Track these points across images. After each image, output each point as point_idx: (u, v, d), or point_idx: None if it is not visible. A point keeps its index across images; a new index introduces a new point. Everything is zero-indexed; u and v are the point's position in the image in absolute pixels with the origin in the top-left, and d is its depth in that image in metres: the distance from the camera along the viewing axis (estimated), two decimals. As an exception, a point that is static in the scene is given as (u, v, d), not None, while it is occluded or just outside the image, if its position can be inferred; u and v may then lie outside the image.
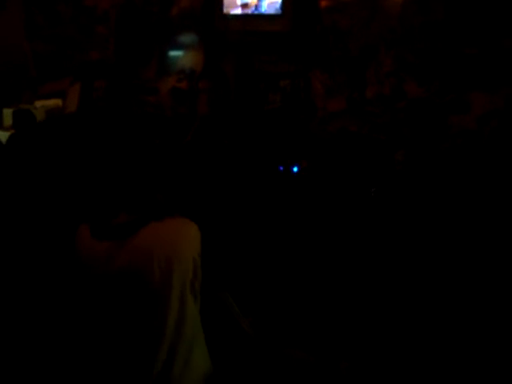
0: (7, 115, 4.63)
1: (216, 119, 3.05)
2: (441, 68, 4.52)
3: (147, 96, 5.14)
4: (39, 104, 4.96)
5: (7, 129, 4.48)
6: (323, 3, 4.96)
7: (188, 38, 5.09)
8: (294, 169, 4.12)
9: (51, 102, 5.03)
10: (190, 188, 1.54)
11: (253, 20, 4.99)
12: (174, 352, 1.49)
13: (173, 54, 5.17)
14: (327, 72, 4.90)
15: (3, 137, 3.87)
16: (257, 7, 4.99)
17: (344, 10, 4.87)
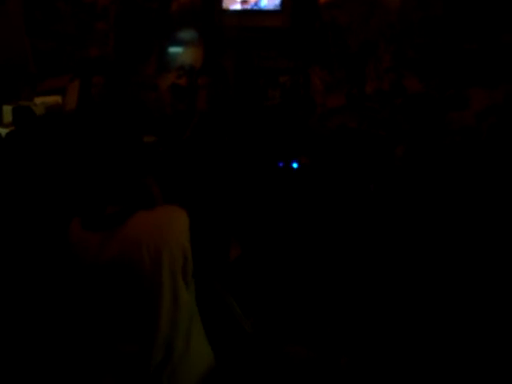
0: (7, 112, 4.63)
1: (215, 115, 3.05)
2: (440, 63, 4.52)
3: (147, 92, 5.14)
4: (39, 101, 4.96)
5: (7, 125, 4.48)
6: (322, -1, 4.97)
7: (187, 34, 5.09)
8: (294, 165, 4.12)
9: (51, 99, 5.03)
10: (189, 184, 1.55)
11: (252, 16, 5.00)
12: (171, 342, 1.50)
13: (172, 50, 5.18)
14: (326, 68, 4.91)
15: (3, 134, 3.88)
16: (256, 3, 4.99)
17: (343, 6, 4.87)
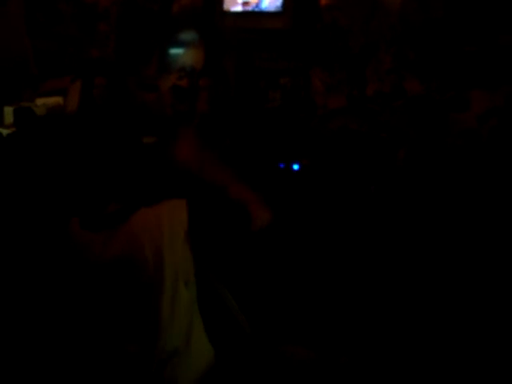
0: (8, 113, 4.62)
1: (216, 117, 3.06)
2: (441, 65, 4.52)
3: (147, 93, 5.15)
4: (40, 102, 4.96)
5: (8, 127, 4.48)
6: (323, 1, 4.96)
7: (188, 36, 5.10)
8: (295, 166, 4.12)
9: (52, 100, 5.03)
10: (188, 184, 1.56)
11: (253, 17, 5.00)
12: (172, 339, 1.51)
13: (173, 51, 5.18)
14: (327, 70, 4.91)
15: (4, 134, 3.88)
16: (257, 4, 4.99)
17: (344, 8, 4.87)
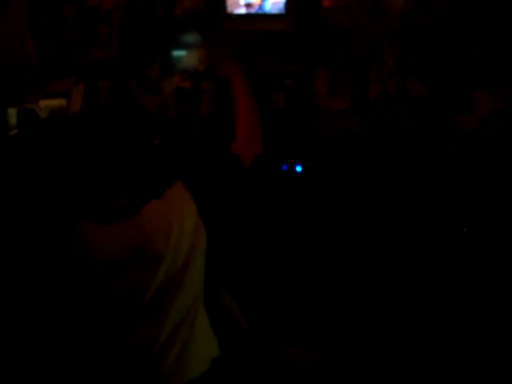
0: (12, 115, 4.64)
1: (219, 119, 3.06)
2: (444, 67, 4.52)
3: (151, 96, 5.15)
4: (43, 104, 4.97)
5: (11, 128, 4.50)
6: (326, 3, 4.97)
7: (191, 38, 5.10)
8: (298, 168, 4.13)
9: (55, 102, 5.04)
10: (191, 185, 1.58)
11: (256, 19, 5.01)
12: (178, 327, 1.52)
13: (176, 54, 5.19)
14: (331, 71, 4.91)
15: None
16: (260, 7, 5.00)
17: (347, 10, 4.88)
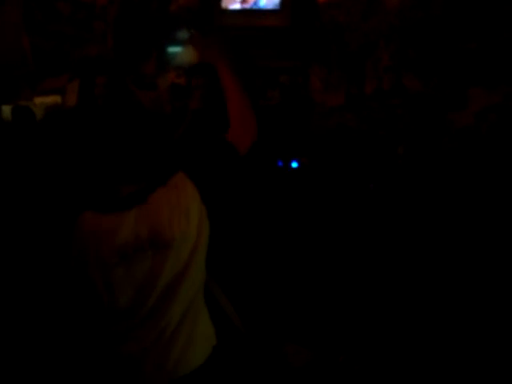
0: (6, 112, 4.63)
1: (210, 114, 3.04)
2: (440, 63, 4.52)
3: (146, 91, 5.14)
4: (38, 101, 4.96)
5: (6, 125, 4.47)
6: (322, -2, 4.96)
7: (187, 34, 5.09)
8: (293, 164, 4.13)
9: (50, 99, 5.03)
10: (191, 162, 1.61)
11: (251, 15, 4.99)
12: (183, 319, 1.54)
13: (172, 50, 5.17)
14: (326, 67, 4.91)
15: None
16: (255, 2, 4.98)
17: (342, 6, 4.87)
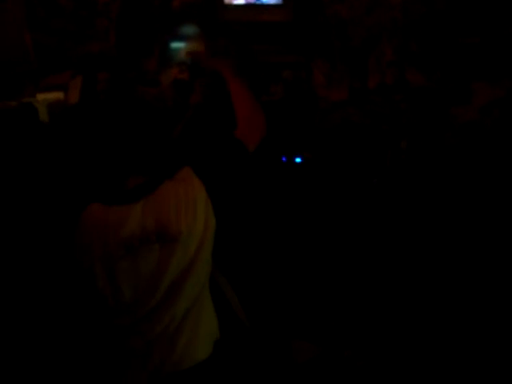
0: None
1: (212, 109, 3.03)
2: (443, 57, 4.51)
3: (149, 88, 5.14)
4: (41, 97, 4.96)
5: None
6: (325, -7, 4.95)
7: (189, 29, 5.09)
8: (297, 160, 4.13)
9: (53, 95, 5.03)
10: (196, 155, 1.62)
11: (254, 10, 5.00)
12: (188, 312, 1.54)
13: (175, 45, 5.18)
14: (329, 62, 4.90)
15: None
16: (259, -4, 4.99)
17: (346, 0, 4.86)
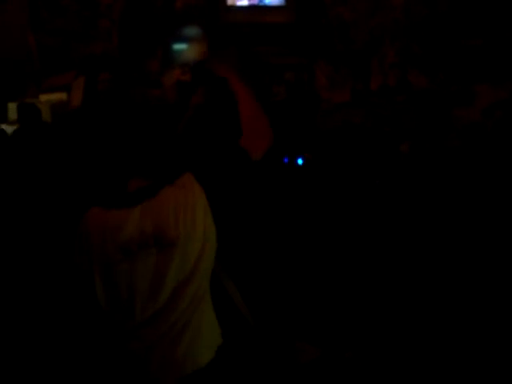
0: (12, 109, 4.64)
1: (213, 109, 3.03)
2: (446, 59, 4.51)
3: (151, 89, 5.14)
4: (44, 98, 4.97)
5: (12, 123, 4.49)
6: (327, -5, 4.96)
7: (192, 31, 5.09)
8: (299, 161, 4.12)
9: (55, 96, 5.03)
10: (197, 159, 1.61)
11: (256, 11, 5.00)
12: (190, 317, 1.51)
13: (177, 47, 5.17)
14: (331, 64, 4.90)
15: (8, 131, 3.89)
16: (261, -1, 4.99)
17: (348, 2, 4.86)
